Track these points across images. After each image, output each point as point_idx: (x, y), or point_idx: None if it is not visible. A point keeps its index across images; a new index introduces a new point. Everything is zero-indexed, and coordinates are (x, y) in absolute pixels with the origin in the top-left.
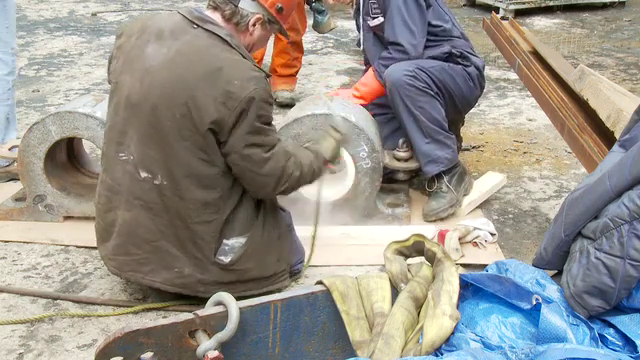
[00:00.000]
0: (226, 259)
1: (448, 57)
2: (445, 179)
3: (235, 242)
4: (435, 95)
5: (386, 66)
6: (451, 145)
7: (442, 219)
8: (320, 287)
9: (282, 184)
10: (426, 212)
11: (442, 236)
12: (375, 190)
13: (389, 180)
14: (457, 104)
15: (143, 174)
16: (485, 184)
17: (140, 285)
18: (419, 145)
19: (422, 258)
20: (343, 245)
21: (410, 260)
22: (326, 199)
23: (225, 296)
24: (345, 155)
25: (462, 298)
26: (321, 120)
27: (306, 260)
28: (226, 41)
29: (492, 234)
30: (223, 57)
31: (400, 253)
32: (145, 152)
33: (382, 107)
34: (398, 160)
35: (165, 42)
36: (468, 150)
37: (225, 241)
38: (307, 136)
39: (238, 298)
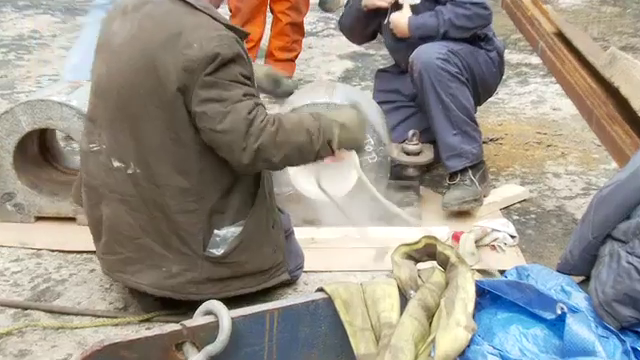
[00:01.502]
0: (218, 251)
1: (473, 40)
2: (470, 173)
3: (227, 232)
4: (465, 81)
5: (456, 25)
6: (478, 139)
7: (461, 213)
8: (321, 295)
9: (253, 141)
10: (447, 200)
11: (456, 238)
12: (382, 187)
13: (397, 176)
14: (479, 92)
15: (115, 163)
16: (505, 192)
17: (127, 287)
18: (445, 136)
19: (434, 262)
20: (346, 248)
21: (421, 265)
22: (328, 198)
23: (216, 304)
24: None
25: (478, 307)
26: (322, 110)
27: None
28: (190, 4)
29: (512, 236)
30: (185, 21)
31: (410, 257)
32: (115, 139)
33: (388, 94)
34: (407, 154)
35: (128, 17)
36: (485, 143)
37: (216, 231)
38: None
39: (234, 300)
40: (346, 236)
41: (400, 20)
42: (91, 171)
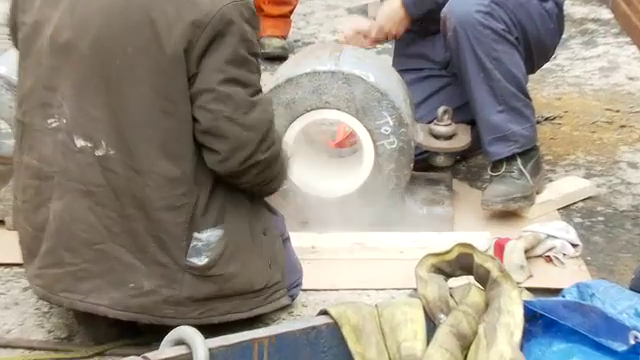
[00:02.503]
0: (200, 260)
1: None
2: (519, 162)
3: (210, 235)
4: (515, 42)
5: None
6: (530, 117)
7: (507, 214)
8: (324, 319)
9: (264, 150)
10: (488, 198)
11: (500, 247)
12: (403, 181)
13: (424, 167)
14: (532, 55)
15: (80, 142)
16: (564, 187)
17: (74, 311)
18: (487, 113)
19: (470, 278)
20: (357, 260)
21: (453, 281)
22: (332, 194)
23: (188, 331)
24: (359, 130)
25: (528, 335)
26: (326, 81)
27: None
28: None
29: (574, 245)
30: None
31: (439, 271)
32: (82, 111)
33: (413, 59)
34: (437, 138)
35: None
36: (539, 123)
37: (197, 235)
38: (306, 103)
39: (215, 328)
40: (356, 244)
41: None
42: (46, 156)
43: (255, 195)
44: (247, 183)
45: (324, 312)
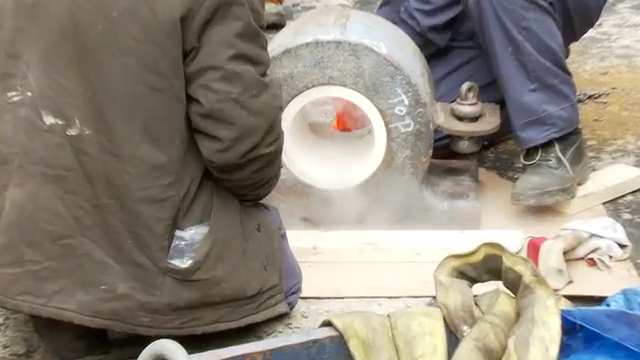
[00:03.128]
0: (183, 262)
1: None
2: (557, 148)
3: (195, 233)
4: (548, 8)
5: None
6: (570, 96)
7: (542, 209)
8: (327, 332)
9: (269, 144)
10: (520, 190)
11: (535, 248)
12: (421, 170)
13: (445, 154)
14: (572, 21)
15: (49, 120)
16: (610, 178)
17: (34, 319)
18: (518, 93)
19: (499, 284)
20: (366, 263)
21: (479, 287)
22: (337, 185)
23: (169, 346)
24: (369, 111)
25: (566, 350)
26: (329, 52)
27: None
28: None
29: (621, 245)
30: None
31: (462, 275)
32: (52, 82)
33: (434, 29)
34: (460, 119)
35: None
36: (582, 102)
37: (179, 233)
38: (307, 79)
39: (200, 340)
40: (365, 244)
41: None
42: (5, 135)
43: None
44: (240, 181)
45: (327, 323)
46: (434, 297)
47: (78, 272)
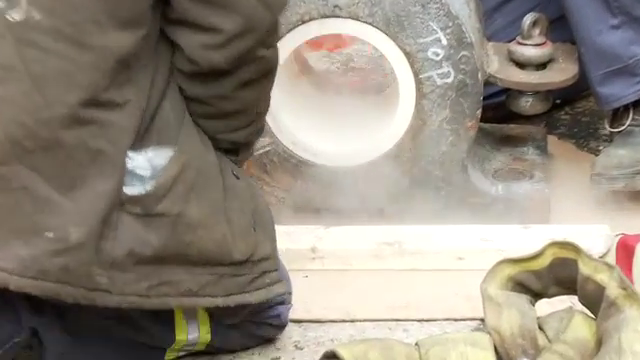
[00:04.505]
0: (144, 188)
1: None
2: None
3: (155, 156)
4: None
5: None
6: None
7: (636, 195)
8: None
9: (269, 45)
10: (601, 169)
11: (627, 249)
12: (465, 139)
13: (501, 116)
14: None
15: None
16: None
17: None
18: (594, 32)
19: (573, 299)
20: (386, 271)
21: (544, 304)
22: (348, 161)
23: None
24: (392, 54)
25: None
26: None
27: None
28: None
29: None
30: None
31: (522, 287)
32: None
33: None
34: (522, 66)
35: None
36: None
37: (132, 154)
38: (303, 9)
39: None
40: (386, 244)
41: None
42: None
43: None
44: (216, 101)
45: (332, 355)
46: (482, 319)
47: (16, 214)
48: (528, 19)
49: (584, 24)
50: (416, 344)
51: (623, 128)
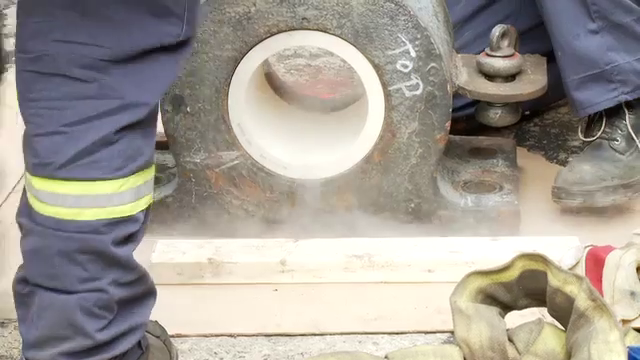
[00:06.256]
0: None
1: None
2: (628, 118)
3: None
4: None
5: None
6: None
7: (605, 210)
8: None
9: None
10: (561, 184)
11: (597, 260)
12: (434, 152)
13: (470, 128)
14: None
15: None
16: None
17: None
18: (572, 36)
19: (542, 311)
20: (355, 284)
21: (514, 316)
22: (316, 174)
23: None
24: (360, 66)
25: None
26: None
27: None
28: None
29: None
30: None
31: (491, 299)
32: None
33: None
34: (491, 78)
35: None
36: None
37: None
38: (270, 20)
39: None
40: (355, 256)
41: None
42: None
43: None
44: None
45: None
46: (452, 332)
47: None
48: (497, 31)
49: (562, 28)
50: (386, 357)
51: (594, 139)
